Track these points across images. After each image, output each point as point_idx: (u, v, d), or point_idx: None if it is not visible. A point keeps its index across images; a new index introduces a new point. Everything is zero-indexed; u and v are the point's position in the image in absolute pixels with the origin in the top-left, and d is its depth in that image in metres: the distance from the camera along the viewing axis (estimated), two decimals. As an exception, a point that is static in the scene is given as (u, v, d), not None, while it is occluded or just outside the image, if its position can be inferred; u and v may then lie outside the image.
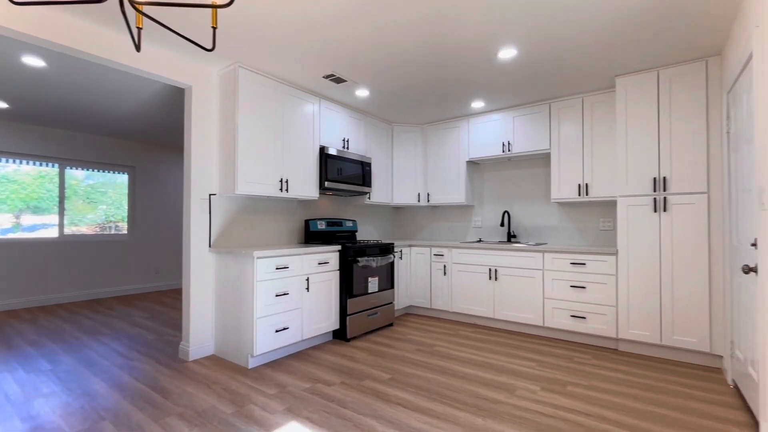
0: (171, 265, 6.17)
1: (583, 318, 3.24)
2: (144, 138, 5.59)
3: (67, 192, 5.19)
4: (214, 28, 1.41)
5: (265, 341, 2.76)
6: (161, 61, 2.76)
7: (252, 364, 2.76)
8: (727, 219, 2.53)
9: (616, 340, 3.16)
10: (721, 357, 2.75)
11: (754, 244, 1.89)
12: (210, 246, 3.03)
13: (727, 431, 1.91)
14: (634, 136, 3.07)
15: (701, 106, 2.81)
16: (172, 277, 6.19)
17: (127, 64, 2.58)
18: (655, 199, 2.96)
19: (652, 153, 2.99)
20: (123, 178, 5.73)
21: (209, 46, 2.72)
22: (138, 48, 1.38)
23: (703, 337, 2.76)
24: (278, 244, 3.52)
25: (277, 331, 2.84)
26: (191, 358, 2.90)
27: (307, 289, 3.09)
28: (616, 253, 3.11)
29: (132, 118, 4.53)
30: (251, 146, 3.01)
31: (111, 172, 5.61)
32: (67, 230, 5.17)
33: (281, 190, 3.23)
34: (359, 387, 2.42)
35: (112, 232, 5.60)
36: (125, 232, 5.72)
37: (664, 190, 2.93)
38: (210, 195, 3.04)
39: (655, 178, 2.97)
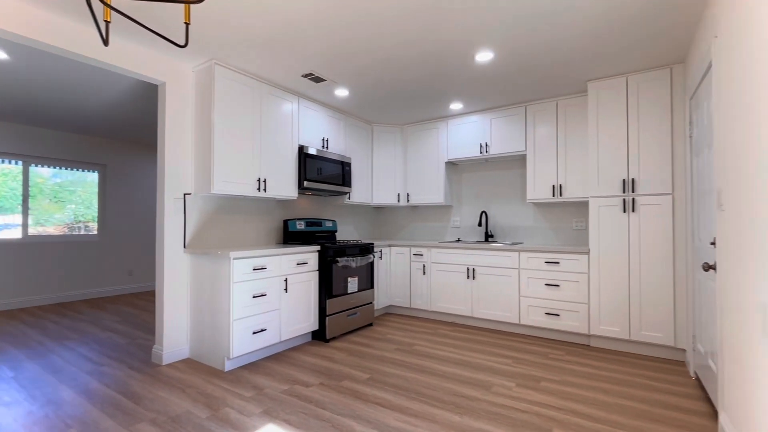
0: (144, 266, 5.98)
1: (557, 315, 3.34)
2: (115, 135, 5.39)
3: (32, 190, 4.95)
4: (187, 24, 1.38)
5: (242, 343, 2.72)
6: (133, 56, 2.68)
7: (228, 366, 2.72)
8: (690, 219, 2.66)
9: (588, 336, 3.26)
10: (684, 351, 2.88)
11: (713, 243, 2.00)
12: (185, 247, 2.96)
13: (689, 421, 2.01)
14: (605, 139, 3.18)
15: (666, 111, 2.94)
16: (145, 279, 6.00)
17: (97, 59, 2.49)
18: (624, 200, 3.08)
19: (621, 155, 3.11)
20: (93, 177, 5.51)
21: (182, 42, 2.65)
22: (106, 42, 1.33)
23: (668, 331, 2.89)
24: (256, 244, 3.47)
25: (254, 332, 2.80)
26: (165, 361, 2.83)
27: (286, 290, 3.05)
28: (588, 252, 3.22)
29: (103, 114, 4.37)
30: (228, 145, 2.95)
31: (80, 170, 5.38)
32: (32, 230, 4.93)
33: (259, 189, 3.19)
34: (338, 387, 2.42)
35: (82, 232, 5.38)
36: (95, 232, 5.51)
37: (633, 191, 3.05)
38: (185, 194, 2.97)
39: (624, 180, 3.09)
